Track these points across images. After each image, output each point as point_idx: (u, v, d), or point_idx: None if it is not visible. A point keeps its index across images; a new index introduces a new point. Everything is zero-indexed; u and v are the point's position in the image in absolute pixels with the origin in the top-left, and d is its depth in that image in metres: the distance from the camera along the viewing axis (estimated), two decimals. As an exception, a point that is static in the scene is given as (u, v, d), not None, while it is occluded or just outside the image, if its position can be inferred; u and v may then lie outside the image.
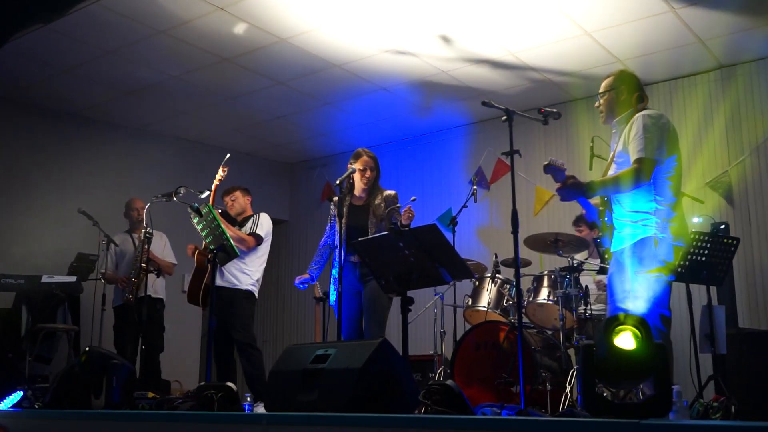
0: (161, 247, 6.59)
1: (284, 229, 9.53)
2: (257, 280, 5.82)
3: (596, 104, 3.99)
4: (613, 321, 2.62)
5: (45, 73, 6.72)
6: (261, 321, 9.42)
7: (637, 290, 3.49)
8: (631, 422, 2.12)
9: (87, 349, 4.43)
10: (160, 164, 8.24)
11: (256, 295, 5.83)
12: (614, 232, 3.73)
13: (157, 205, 6.10)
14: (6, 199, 7.08)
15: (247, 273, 5.76)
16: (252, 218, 5.91)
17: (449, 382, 2.98)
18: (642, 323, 2.58)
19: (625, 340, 2.65)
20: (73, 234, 6.82)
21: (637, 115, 3.72)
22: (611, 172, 3.80)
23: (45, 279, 6.01)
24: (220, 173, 5.46)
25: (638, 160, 3.56)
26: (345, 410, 3.01)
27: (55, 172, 7.43)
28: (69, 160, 7.57)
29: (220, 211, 5.49)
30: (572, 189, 3.60)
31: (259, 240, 5.76)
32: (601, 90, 3.92)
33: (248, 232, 5.77)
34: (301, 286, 5.16)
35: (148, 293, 6.19)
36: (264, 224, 5.88)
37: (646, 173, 3.55)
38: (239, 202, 6.00)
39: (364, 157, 5.04)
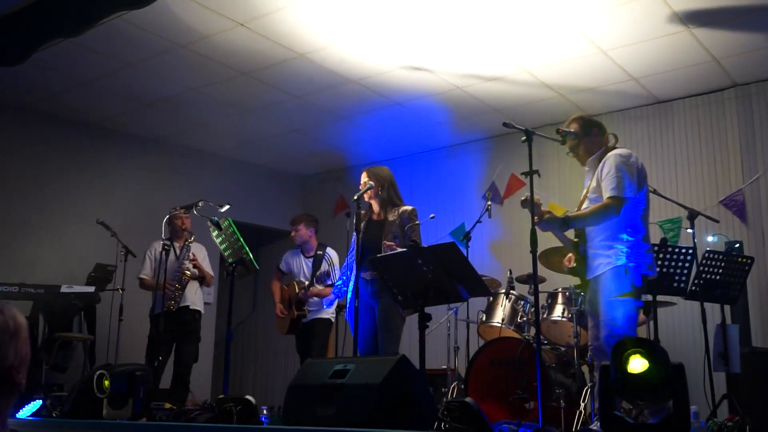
0: (200, 259, 6.60)
1: (297, 240, 9.59)
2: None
3: (568, 152, 4.33)
4: (621, 346, 2.66)
5: (65, 84, 6.81)
6: (273, 333, 9.46)
7: (610, 314, 3.83)
8: (651, 443, 2.15)
9: (102, 372, 4.47)
10: (177, 176, 8.32)
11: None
12: (587, 262, 4.06)
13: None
14: (25, 208, 7.16)
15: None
16: (324, 259, 6.36)
17: (468, 399, 3.02)
18: (651, 346, 2.62)
19: (636, 363, 2.70)
20: (91, 244, 6.90)
21: (609, 154, 4.07)
22: (585, 206, 4.11)
23: (64, 289, 6.06)
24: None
25: (609, 198, 3.90)
26: (364, 425, 3.04)
27: (74, 182, 7.53)
28: (87, 171, 7.66)
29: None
30: (550, 222, 3.92)
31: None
32: (572, 139, 4.26)
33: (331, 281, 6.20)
34: (327, 305, 5.20)
35: (187, 304, 6.32)
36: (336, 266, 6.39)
37: (615, 209, 3.90)
38: (301, 233, 6.47)
39: (363, 174, 5.09)
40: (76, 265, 6.87)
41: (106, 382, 4.42)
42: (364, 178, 5.05)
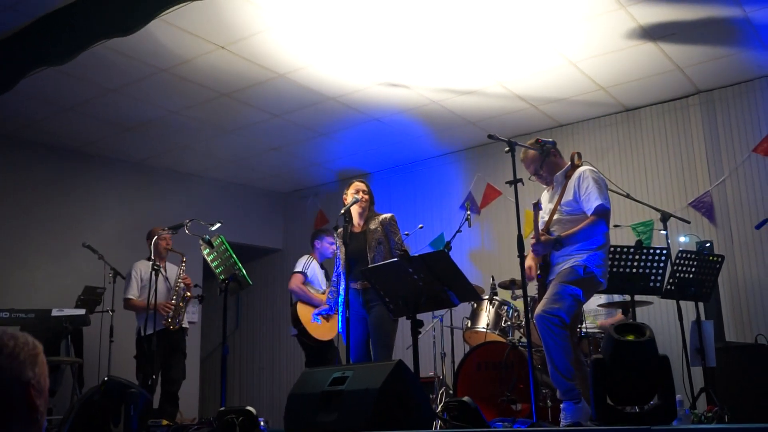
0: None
1: (278, 257, 9.70)
2: None
3: (531, 177, 4.49)
4: (622, 326, 2.87)
5: (48, 110, 6.85)
6: (258, 348, 9.55)
7: (556, 296, 4.00)
8: (642, 429, 2.33)
9: (106, 378, 4.55)
10: (160, 197, 8.39)
11: None
12: (551, 267, 4.24)
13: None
14: (12, 234, 7.17)
15: None
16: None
17: (466, 398, 3.17)
18: (645, 328, 2.83)
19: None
20: (79, 268, 6.95)
21: (583, 169, 4.28)
22: (557, 217, 4.28)
23: (55, 312, 6.09)
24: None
25: (601, 208, 4.10)
26: (366, 429, 3.18)
27: (60, 207, 7.57)
28: (73, 195, 7.71)
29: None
30: (546, 244, 4.14)
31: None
32: (533, 162, 4.42)
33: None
34: (317, 319, 5.37)
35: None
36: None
37: (606, 220, 4.14)
38: (334, 246, 6.69)
39: (355, 183, 5.26)
40: (65, 288, 6.91)
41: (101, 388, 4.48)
42: (361, 187, 5.20)
